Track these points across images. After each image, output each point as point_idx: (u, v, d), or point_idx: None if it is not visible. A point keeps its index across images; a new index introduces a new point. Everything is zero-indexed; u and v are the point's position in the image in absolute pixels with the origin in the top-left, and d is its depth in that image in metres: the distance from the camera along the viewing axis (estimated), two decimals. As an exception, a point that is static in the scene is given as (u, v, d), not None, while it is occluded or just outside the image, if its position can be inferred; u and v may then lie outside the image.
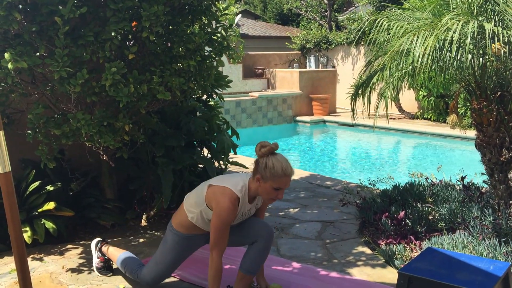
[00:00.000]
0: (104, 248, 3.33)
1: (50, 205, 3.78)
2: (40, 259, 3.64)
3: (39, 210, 3.79)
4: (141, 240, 4.00)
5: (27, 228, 3.67)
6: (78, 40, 3.28)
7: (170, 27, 3.78)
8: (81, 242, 3.97)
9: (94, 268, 3.37)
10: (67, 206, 3.96)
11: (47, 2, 3.15)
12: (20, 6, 3.20)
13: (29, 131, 3.49)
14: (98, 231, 4.19)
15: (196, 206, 2.73)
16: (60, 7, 3.12)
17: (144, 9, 3.27)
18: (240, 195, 2.57)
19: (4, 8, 2.99)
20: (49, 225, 3.75)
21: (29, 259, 3.54)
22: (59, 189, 3.99)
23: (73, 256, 3.70)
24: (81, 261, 3.60)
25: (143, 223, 4.37)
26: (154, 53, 3.68)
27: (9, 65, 3.05)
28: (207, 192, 2.65)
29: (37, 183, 3.91)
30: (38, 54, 3.25)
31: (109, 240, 3.91)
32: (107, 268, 3.34)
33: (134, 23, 3.48)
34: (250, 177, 2.65)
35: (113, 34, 3.34)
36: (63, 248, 3.84)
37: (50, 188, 3.92)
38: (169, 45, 3.79)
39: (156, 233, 4.15)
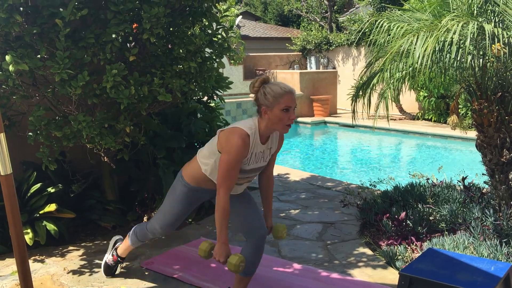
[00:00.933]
0: (119, 248, 3.29)
1: (51, 207, 3.79)
2: (42, 261, 3.65)
3: (41, 212, 3.80)
4: (142, 241, 4.00)
5: (29, 230, 3.68)
6: (79, 42, 3.29)
7: (171, 29, 3.78)
8: (82, 244, 3.97)
9: (102, 263, 3.36)
10: (68, 208, 3.96)
11: (48, 5, 3.16)
12: (21, 9, 3.21)
13: (30, 133, 3.49)
14: (99, 233, 4.20)
15: (209, 157, 2.63)
16: (61, 10, 3.13)
17: (145, 11, 3.27)
18: (250, 132, 2.48)
19: (5, 11, 3.00)
20: (51, 227, 3.76)
21: (30, 261, 3.55)
22: (60, 191, 4.00)
23: (74, 258, 3.70)
24: (83, 262, 3.61)
25: (144, 224, 4.37)
26: (155, 55, 3.69)
27: (10, 68, 3.06)
28: (219, 137, 2.57)
29: (38, 185, 3.92)
30: (39, 56, 3.26)
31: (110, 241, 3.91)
32: (114, 269, 3.33)
33: (135, 25, 3.49)
34: (258, 117, 2.56)
35: (114, 36, 3.35)
36: (65, 250, 3.85)
37: (51, 190, 3.93)
38: (169, 47, 3.80)
39: (157, 235, 4.14)
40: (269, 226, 2.89)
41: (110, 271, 3.33)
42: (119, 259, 3.29)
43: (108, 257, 3.32)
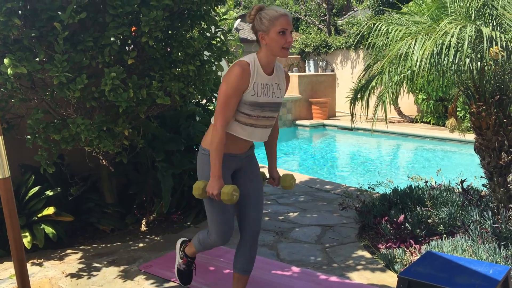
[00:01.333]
0: (187, 248, 3.00)
1: (50, 210, 3.79)
2: (40, 264, 3.64)
3: (39, 215, 3.80)
4: (141, 244, 4.00)
5: (27, 233, 3.67)
6: (77, 45, 3.29)
7: (170, 32, 3.79)
8: (80, 247, 3.97)
9: (175, 270, 3.05)
10: (66, 211, 3.96)
11: (46, 8, 3.16)
12: (20, 12, 3.21)
13: (28, 136, 3.49)
14: (97, 236, 4.19)
15: None
16: (59, 13, 3.13)
17: (144, 14, 3.28)
18: (249, 61, 2.47)
19: (4, 14, 3.00)
20: (49, 230, 3.75)
21: (28, 264, 3.54)
22: (59, 194, 4.00)
23: (72, 261, 3.69)
24: (81, 266, 3.60)
25: (143, 227, 4.37)
26: (154, 58, 3.69)
27: (9, 71, 3.06)
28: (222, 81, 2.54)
29: (36, 188, 3.91)
30: (37, 59, 3.27)
31: (108, 245, 3.91)
32: (188, 273, 3.02)
33: (134, 28, 3.49)
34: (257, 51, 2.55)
35: (112, 39, 3.35)
36: (63, 253, 3.84)
37: (49, 193, 3.93)
38: (168, 50, 3.80)
39: (155, 238, 4.14)
40: (276, 177, 2.85)
41: (185, 277, 3.03)
42: (189, 259, 3.00)
43: (178, 262, 3.03)
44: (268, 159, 2.88)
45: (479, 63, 3.41)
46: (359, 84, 4.17)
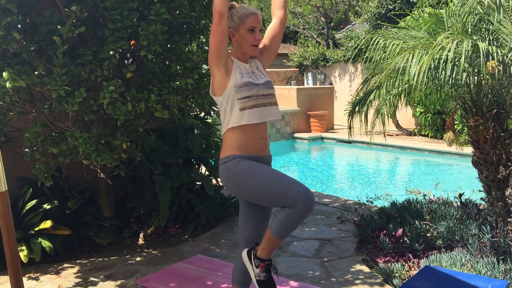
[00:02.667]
0: (259, 251, 2.52)
1: (47, 224, 3.77)
2: (36, 279, 3.61)
3: (36, 229, 3.78)
4: (138, 258, 3.98)
5: (24, 247, 3.65)
6: (76, 59, 3.30)
7: (168, 46, 3.81)
8: (77, 261, 3.94)
9: (254, 282, 2.52)
10: (64, 224, 3.94)
11: (46, 22, 3.18)
12: (19, 26, 3.23)
13: (26, 150, 3.48)
14: (94, 250, 4.17)
15: (223, 114, 2.48)
16: (59, 27, 3.15)
17: (143, 28, 3.30)
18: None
19: (3, 28, 3.02)
20: (46, 244, 3.73)
21: (24, 279, 3.51)
22: (56, 208, 3.98)
23: (69, 275, 3.67)
24: (78, 280, 3.57)
25: (140, 241, 4.35)
26: (152, 72, 3.71)
27: (7, 84, 3.07)
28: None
29: (34, 202, 3.90)
30: (36, 73, 3.27)
31: (105, 258, 3.89)
32: (270, 280, 2.54)
33: (133, 41, 3.51)
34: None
35: (111, 53, 3.37)
36: (59, 267, 3.81)
37: (47, 206, 3.91)
38: (167, 63, 3.82)
39: (153, 252, 4.12)
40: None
41: (270, 285, 2.54)
42: (266, 262, 2.52)
43: (255, 273, 2.52)
44: None
45: (476, 77, 3.43)
46: (357, 97, 4.18)
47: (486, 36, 3.40)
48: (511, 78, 3.29)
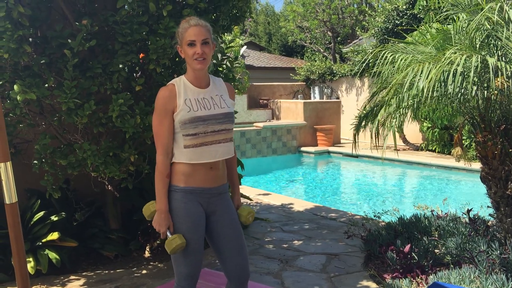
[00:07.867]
0: None
1: (54, 236, 3.78)
2: (42, 290, 3.61)
3: (43, 240, 3.78)
4: (144, 271, 3.97)
5: (31, 259, 3.65)
6: (86, 72, 3.34)
7: (177, 59, 3.84)
8: (83, 273, 3.93)
9: None
10: (70, 236, 3.95)
11: (57, 36, 3.22)
12: (31, 39, 3.27)
13: (35, 161, 3.51)
14: (101, 262, 4.16)
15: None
16: (69, 40, 3.19)
17: (152, 42, 3.33)
18: (174, 81, 2.40)
19: (15, 41, 3.06)
20: (53, 255, 3.73)
21: (31, 290, 3.51)
22: (64, 219, 3.99)
23: (75, 287, 3.66)
24: (84, 292, 3.57)
25: (147, 254, 4.34)
26: (161, 85, 3.73)
27: (18, 97, 3.10)
28: None
29: (41, 213, 3.91)
30: (46, 85, 3.31)
31: (111, 271, 3.88)
32: None
33: (142, 55, 3.54)
34: None
35: (120, 66, 3.40)
36: (65, 279, 3.81)
37: (54, 218, 3.92)
38: (175, 76, 3.84)
39: (159, 265, 4.11)
40: (236, 204, 2.59)
41: None
42: None
43: None
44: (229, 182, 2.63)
45: (485, 92, 3.43)
46: (364, 112, 4.18)
47: (495, 51, 3.41)
48: (520, 94, 3.28)
